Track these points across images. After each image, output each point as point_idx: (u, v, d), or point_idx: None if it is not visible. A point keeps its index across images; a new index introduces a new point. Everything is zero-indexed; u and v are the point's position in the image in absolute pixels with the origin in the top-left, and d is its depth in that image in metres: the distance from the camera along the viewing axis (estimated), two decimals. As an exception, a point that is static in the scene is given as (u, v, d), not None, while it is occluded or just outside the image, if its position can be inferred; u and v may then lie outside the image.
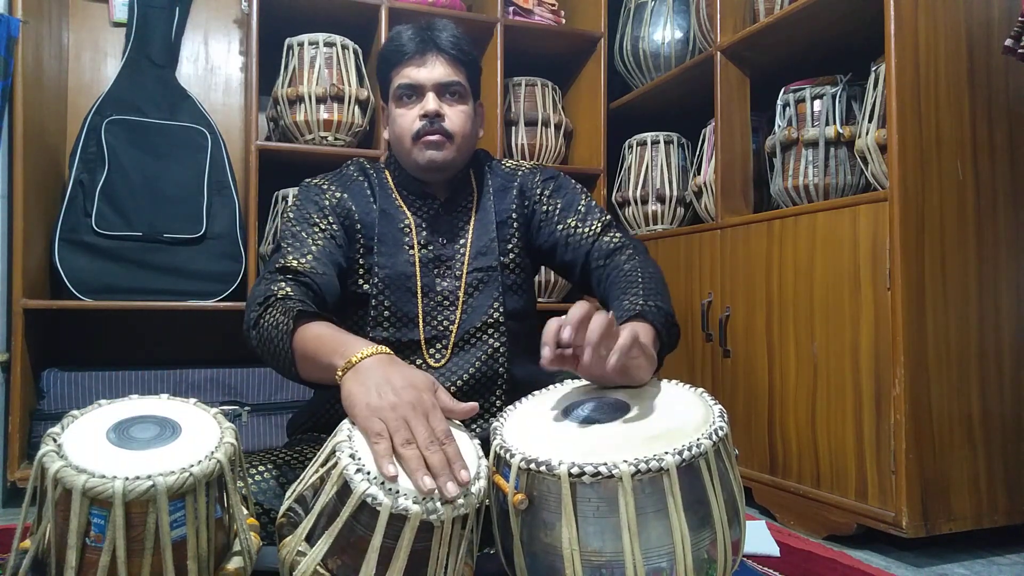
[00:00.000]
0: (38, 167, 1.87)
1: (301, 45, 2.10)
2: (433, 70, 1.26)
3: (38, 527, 0.79)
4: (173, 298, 1.96)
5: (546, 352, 0.90)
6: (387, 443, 0.82)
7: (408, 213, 1.30)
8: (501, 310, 1.28)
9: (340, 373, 0.92)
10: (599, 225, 1.30)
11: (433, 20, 1.31)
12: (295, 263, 1.16)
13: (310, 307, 1.07)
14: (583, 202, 1.34)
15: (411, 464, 0.81)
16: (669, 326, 1.09)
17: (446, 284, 1.27)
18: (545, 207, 1.34)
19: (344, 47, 2.12)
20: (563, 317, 0.90)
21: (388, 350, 0.95)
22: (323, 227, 1.24)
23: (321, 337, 0.99)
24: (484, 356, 1.26)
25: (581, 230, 1.30)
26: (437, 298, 1.27)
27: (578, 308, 0.89)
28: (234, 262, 2.04)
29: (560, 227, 1.32)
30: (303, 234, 1.22)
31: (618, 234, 1.30)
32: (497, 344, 1.27)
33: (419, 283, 1.26)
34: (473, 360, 1.25)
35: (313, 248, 1.20)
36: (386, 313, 1.26)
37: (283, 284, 1.12)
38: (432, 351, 1.25)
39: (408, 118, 1.27)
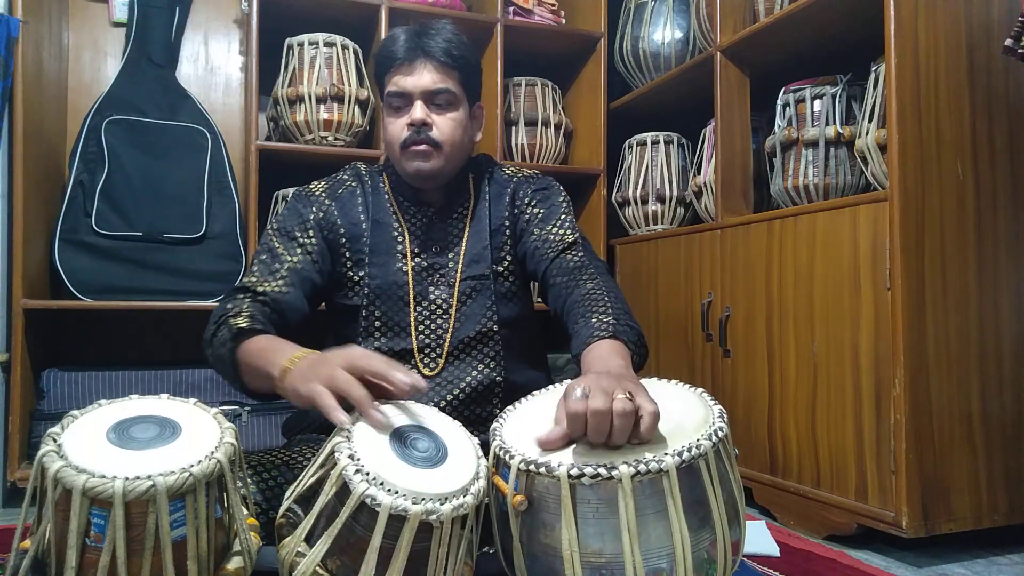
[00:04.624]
0: (38, 167, 1.87)
1: (301, 45, 2.10)
2: (421, 78, 1.24)
3: (38, 527, 0.79)
4: (173, 298, 1.96)
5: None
6: (329, 397, 0.87)
7: (402, 221, 1.30)
8: (495, 319, 1.27)
9: (279, 376, 0.96)
10: (565, 242, 1.27)
11: (429, 23, 1.28)
12: (256, 282, 1.19)
13: (257, 325, 1.10)
14: (560, 216, 1.31)
15: (326, 400, 0.87)
16: (639, 346, 1.10)
17: (439, 292, 1.27)
18: (527, 215, 1.32)
19: (344, 47, 2.12)
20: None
21: (319, 352, 0.98)
22: (301, 242, 1.25)
23: (261, 350, 1.04)
24: (480, 365, 1.25)
25: (548, 242, 1.27)
26: (430, 307, 1.26)
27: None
28: (234, 262, 2.04)
29: (532, 236, 1.30)
30: (280, 249, 1.25)
31: (581, 253, 1.26)
32: (492, 353, 1.26)
33: (412, 292, 1.26)
34: (469, 369, 1.25)
35: (286, 264, 1.22)
36: (377, 323, 1.26)
37: (239, 302, 1.15)
38: (425, 359, 1.25)
39: (397, 126, 1.26)
